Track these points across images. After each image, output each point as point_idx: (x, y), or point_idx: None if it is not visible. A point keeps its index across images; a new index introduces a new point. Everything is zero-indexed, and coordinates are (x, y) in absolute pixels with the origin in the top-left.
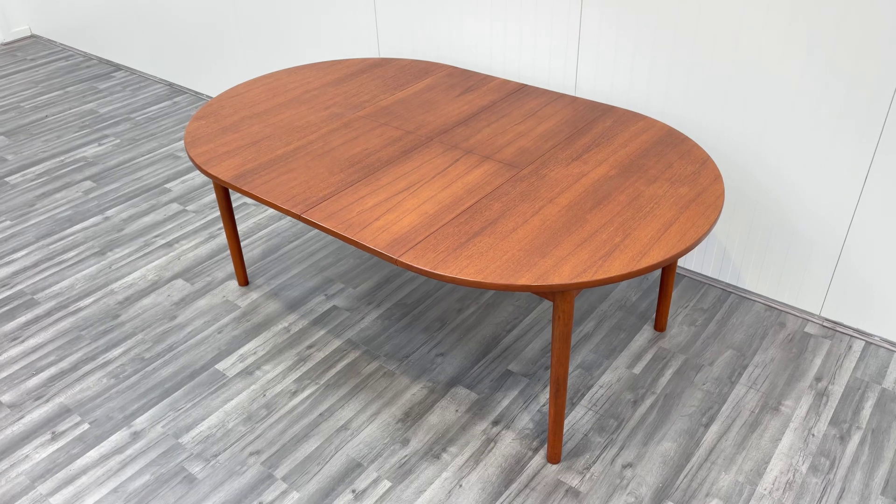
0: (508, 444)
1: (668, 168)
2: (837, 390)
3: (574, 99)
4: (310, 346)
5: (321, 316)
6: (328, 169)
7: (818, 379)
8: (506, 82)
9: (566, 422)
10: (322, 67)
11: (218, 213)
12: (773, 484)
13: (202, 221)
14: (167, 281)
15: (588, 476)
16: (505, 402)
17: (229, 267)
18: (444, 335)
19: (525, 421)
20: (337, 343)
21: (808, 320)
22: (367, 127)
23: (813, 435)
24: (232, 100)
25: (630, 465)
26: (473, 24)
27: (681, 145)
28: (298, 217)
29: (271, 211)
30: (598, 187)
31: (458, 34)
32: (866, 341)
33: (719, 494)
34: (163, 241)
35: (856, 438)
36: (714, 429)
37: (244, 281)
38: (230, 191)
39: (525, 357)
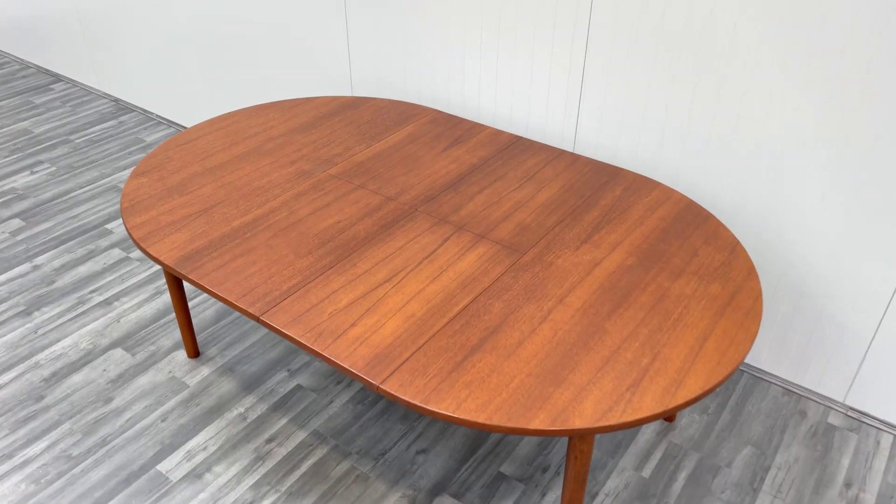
0: None
1: (694, 256)
2: (869, 499)
3: (576, 158)
4: (269, 440)
5: (283, 399)
6: (294, 249)
7: (848, 485)
8: (498, 133)
9: None
10: (287, 108)
11: None
12: None
13: (147, 273)
14: (103, 350)
15: None
16: None
17: (178, 332)
18: (426, 425)
19: None
20: (301, 435)
21: (830, 408)
22: (340, 190)
23: None
24: (181, 149)
25: None
26: (460, 60)
27: (704, 224)
28: (257, 319)
29: None
30: (616, 282)
31: (443, 71)
32: (895, 436)
33: None
34: (100, 298)
35: None
36: None
37: (194, 352)
38: None
39: (519, 455)
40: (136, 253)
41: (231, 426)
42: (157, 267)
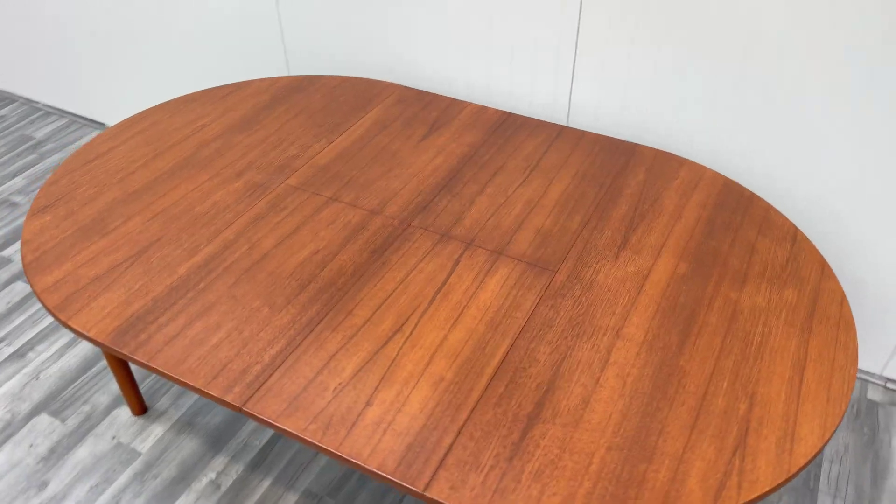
0: None
1: (753, 253)
2: None
3: (581, 135)
4: None
5: (261, 453)
6: (267, 299)
7: None
8: (481, 110)
9: None
10: (218, 98)
11: None
12: None
13: None
14: (25, 419)
15: None
16: None
17: (115, 384)
18: None
19: None
20: (292, 499)
21: (868, 382)
22: (309, 207)
23: None
24: (89, 168)
25: None
26: (422, 18)
27: (750, 208)
28: (239, 410)
29: None
30: (674, 299)
31: (399, 32)
32: None
33: None
34: (10, 350)
35: None
36: None
37: (140, 408)
38: None
39: None
40: None
41: (203, 499)
42: None
